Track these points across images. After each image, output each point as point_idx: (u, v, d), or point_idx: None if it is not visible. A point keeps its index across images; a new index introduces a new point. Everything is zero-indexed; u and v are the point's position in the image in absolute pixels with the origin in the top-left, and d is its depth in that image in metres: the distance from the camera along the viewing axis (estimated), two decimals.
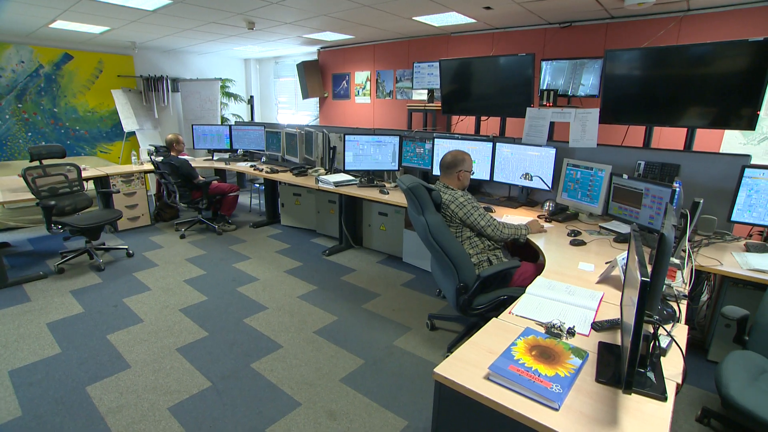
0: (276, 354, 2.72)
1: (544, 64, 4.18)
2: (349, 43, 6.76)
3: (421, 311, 3.28)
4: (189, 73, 7.70)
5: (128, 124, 6.76)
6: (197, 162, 5.65)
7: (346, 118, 7.31)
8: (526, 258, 2.70)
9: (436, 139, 3.82)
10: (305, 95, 7.47)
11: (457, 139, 3.76)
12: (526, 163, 3.34)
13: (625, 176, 2.73)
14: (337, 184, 4.07)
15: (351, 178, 4.18)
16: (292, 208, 5.35)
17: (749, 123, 2.77)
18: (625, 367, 1.18)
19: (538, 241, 2.59)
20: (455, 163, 2.53)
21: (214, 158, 5.94)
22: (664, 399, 1.25)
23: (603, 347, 1.48)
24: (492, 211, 3.18)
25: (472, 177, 2.67)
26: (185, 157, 5.26)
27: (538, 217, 3.04)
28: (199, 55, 7.85)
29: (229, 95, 8.11)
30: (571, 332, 1.56)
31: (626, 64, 3.19)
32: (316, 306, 3.36)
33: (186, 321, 3.11)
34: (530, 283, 1.97)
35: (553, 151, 3.20)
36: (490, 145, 3.53)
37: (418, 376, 2.50)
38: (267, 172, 4.93)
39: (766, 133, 3.51)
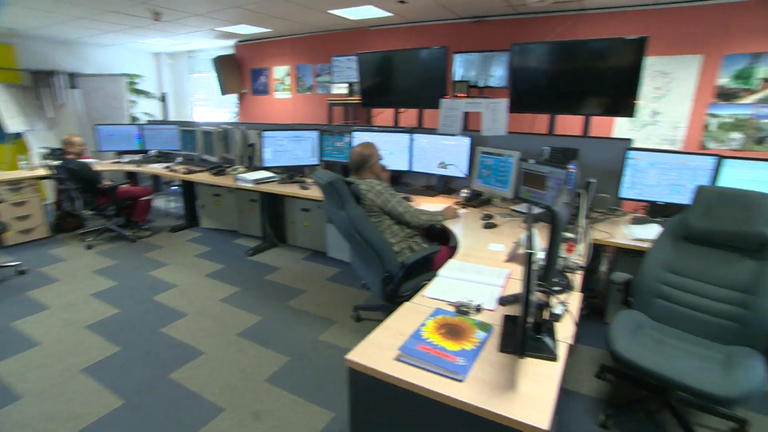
0: (196, 361, 2.60)
1: (456, 56, 4.36)
2: (267, 36, 6.57)
3: (347, 304, 3.30)
4: (90, 68, 7.02)
5: (13, 124, 6.01)
6: (104, 165, 5.20)
7: (267, 113, 7.11)
8: (445, 243, 2.82)
9: (355, 133, 3.84)
10: (223, 91, 7.16)
11: (376, 131, 3.81)
12: (443, 152, 3.47)
13: (532, 161, 2.94)
14: (256, 181, 3.95)
15: (271, 175, 4.08)
16: (212, 209, 5.12)
17: (631, 111, 3.11)
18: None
19: (455, 226, 2.71)
20: (363, 160, 2.59)
21: (124, 160, 5.50)
22: (555, 359, 1.37)
23: (507, 320, 1.59)
24: (410, 201, 3.27)
25: (392, 169, 2.73)
26: (87, 160, 4.81)
27: (456, 203, 3.17)
28: (102, 47, 7.20)
29: (138, 92, 7.53)
30: (478, 309, 1.65)
31: (530, 57, 3.43)
32: (239, 308, 3.26)
33: (93, 338, 2.86)
34: None
35: (467, 140, 3.35)
36: (407, 136, 3.62)
37: (342, 368, 2.50)
38: (183, 173, 4.66)
39: (648, 120, 3.95)
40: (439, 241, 2.74)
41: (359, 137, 3.77)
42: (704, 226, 2.05)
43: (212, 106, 8.24)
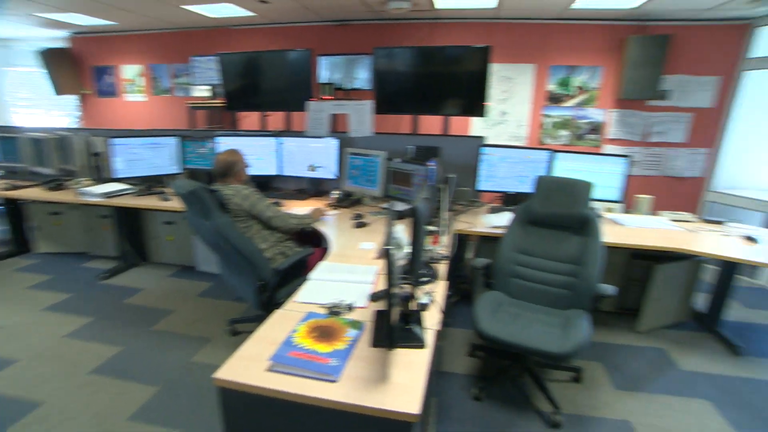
0: (33, 416, 2.18)
1: (322, 59, 4.38)
2: (113, 30, 5.82)
3: (221, 319, 3.10)
4: None
5: None
6: None
7: (118, 118, 6.31)
8: (318, 245, 2.81)
9: (218, 138, 3.61)
10: (57, 91, 6.15)
11: (242, 136, 3.64)
12: (312, 155, 3.46)
13: (398, 160, 3.09)
14: (106, 195, 3.47)
15: (125, 187, 3.63)
16: (50, 230, 4.36)
17: (482, 112, 3.47)
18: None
19: (327, 228, 2.73)
20: (228, 167, 2.50)
21: None
22: (424, 346, 1.46)
23: (378, 315, 1.64)
24: (281, 205, 3.20)
25: (261, 174, 2.64)
26: None
27: (327, 205, 3.19)
28: None
29: None
30: (350, 308, 1.68)
31: (392, 60, 3.61)
32: (91, 341, 2.83)
33: None
34: None
35: (335, 141, 3.39)
36: (275, 140, 3.54)
37: None
38: (4, 189, 3.88)
39: (498, 120, 4.47)
40: (312, 244, 2.73)
41: (224, 142, 3.55)
42: (544, 210, 2.38)
43: (44, 109, 7.02)
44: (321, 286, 1.84)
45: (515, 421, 2.21)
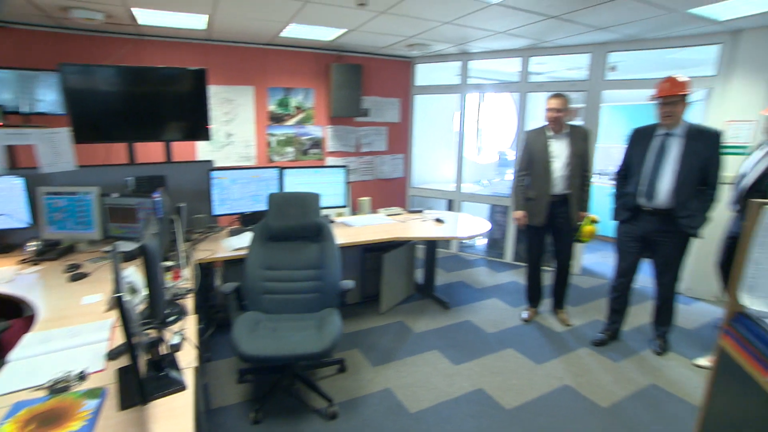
0: None
1: None
2: None
3: None
4: None
5: None
6: None
7: None
8: (18, 316, 2.21)
9: None
10: None
11: None
12: None
13: (116, 195, 2.73)
14: None
15: None
16: None
17: (207, 135, 3.41)
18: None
19: (25, 291, 2.16)
20: None
21: None
22: (184, 388, 1.39)
23: (122, 372, 1.45)
24: None
25: None
26: None
27: (21, 261, 2.53)
28: None
29: None
30: (83, 376, 1.42)
31: (91, 80, 3.09)
32: None
33: None
34: None
35: (19, 180, 2.71)
36: None
37: None
38: None
39: (224, 141, 4.48)
40: (8, 316, 2.13)
41: None
42: (280, 225, 2.56)
43: None
44: (31, 365, 1.48)
45: (298, 427, 2.32)
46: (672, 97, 2.71)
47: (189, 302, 1.97)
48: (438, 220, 3.76)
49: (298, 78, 4.77)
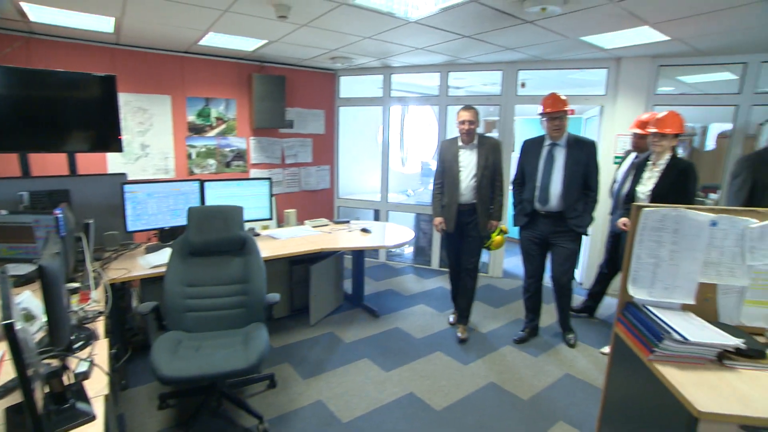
0: None
1: None
2: None
3: None
4: None
5: None
6: None
7: None
8: None
9: None
10: None
11: None
12: None
13: (4, 212, 2.45)
14: None
15: None
16: None
17: (119, 146, 3.20)
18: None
19: None
20: None
21: None
22: (93, 418, 1.29)
23: (13, 411, 1.31)
24: None
25: None
26: None
27: None
28: None
29: None
30: None
31: None
32: None
33: None
34: None
35: None
36: None
37: None
38: None
39: (139, 153, 4.20)
40: None
41: None
42: (201, 239, 2.46)
43: None
44: None
45: None
46: (558, 112, 3.06)
47: (99, 326, 1.83)
48: (364, 230, 3.82)
49: (218, 88, 4.62)
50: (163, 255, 2.73)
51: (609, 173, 4.31)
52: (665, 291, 1.76)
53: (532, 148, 3.27)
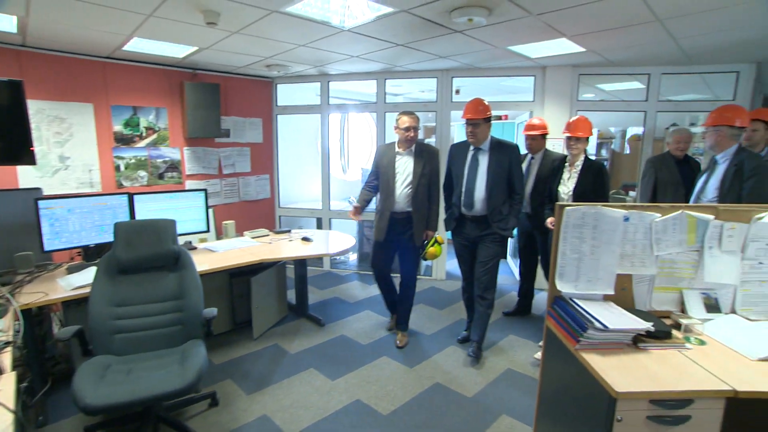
0: None
1: None
2: None
3: None
4: None
5: None
6: None
7: None
8: None
9: None
10: None
11: None
12: None
13: None
14: None
15: None
16: None
17: (31, 158, 2.94)
18: None
19: None
20: None
21: None
22: None
23: None
24: None
25: None
26: None
27: None
28: None
29: None
30: None
31: None
32: None
33: None
34: None
35: None
36: None
37: None
38: None
39: (58, 165, 3.89)
40: None
41: None
42: (130, 256, 2.33)
43: None
44: None
45: None
46: (474, 120, 3.04)
47: (6, 358, 1.68)
48: (305, 239, 3.79)
49: (147, 96, 4.40)
50: (88, 275, 2.56)
51: None
52: (588, 284, 1.90)
53: (458, 152, 3.27)
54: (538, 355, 3.23)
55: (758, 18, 2.73)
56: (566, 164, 3.34)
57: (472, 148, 3.18)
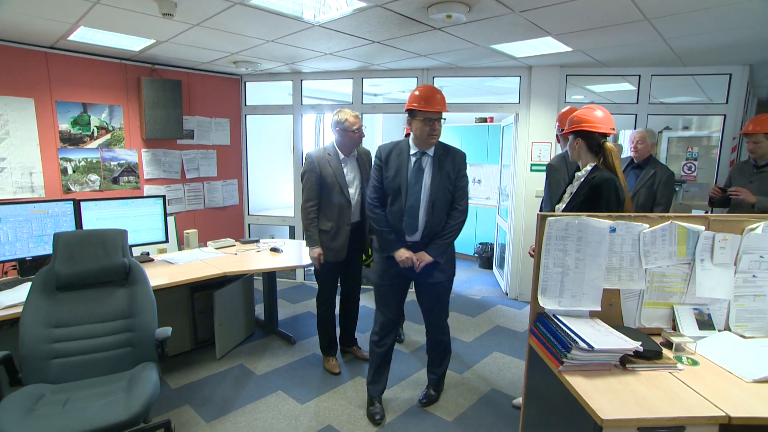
0: None
1: None
2: None
3: None
4: None
5: None
6: None
7: None
8: None
9: None
10: None
11: None
12: None
13: None
14: None
15: None
16: None
17: None
18: None
19: None
20: None
21: None
22: None
23: None
24: None
25: None
26: None
27: None
28: None
29: None
30: None
31: None
32: None
33: None
34: None
35: None
36: None
37: None
38: None
39: None
40: None
41: None
42: (72, 271, 2.21)
43: None
44: None
45: None
46: (440, 114, 2.56)
47: None
48: (274, 250, 3.70)
49: (99, 92, 4.25)
50: (21, 292, 2.41)
51: (526, 182, 4.58)
52: (573, 299, 1.87)
53: (393, 158, 2.59)
54: (518, 401, 2.89)
55: (748, 19, 2.78)
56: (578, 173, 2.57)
57: (413, 152, 2.57)
